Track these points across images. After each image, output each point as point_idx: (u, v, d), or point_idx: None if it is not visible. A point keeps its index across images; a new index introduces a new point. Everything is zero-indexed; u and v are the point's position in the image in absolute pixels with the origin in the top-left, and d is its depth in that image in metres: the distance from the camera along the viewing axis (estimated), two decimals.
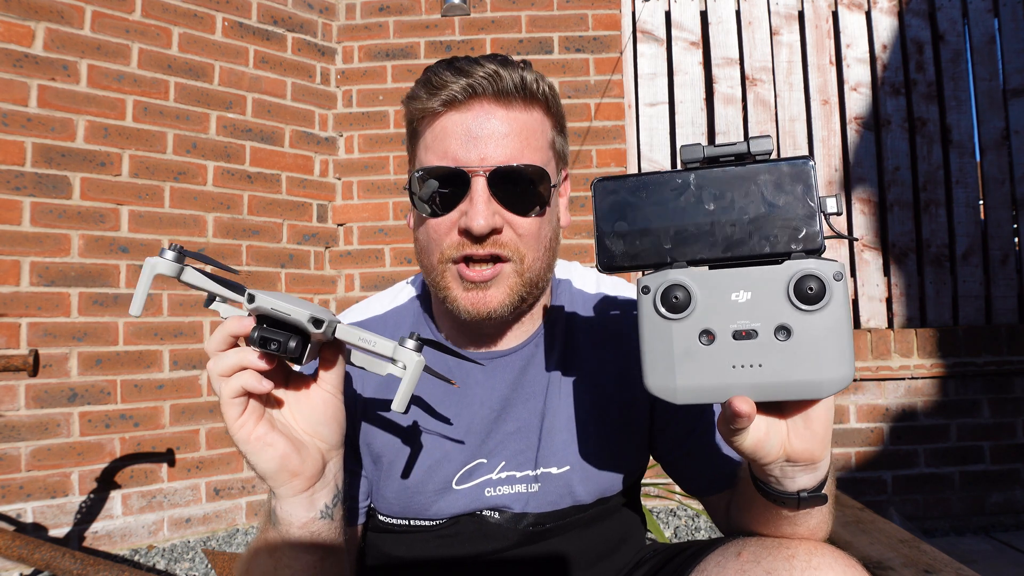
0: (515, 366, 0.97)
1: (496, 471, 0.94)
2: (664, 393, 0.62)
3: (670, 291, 0.62)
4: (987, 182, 3.01)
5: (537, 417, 0.95)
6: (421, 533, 0.95)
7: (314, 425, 0.77)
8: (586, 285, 1.04)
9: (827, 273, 0.59)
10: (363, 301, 1.07)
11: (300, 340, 0.70)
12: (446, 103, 0.86)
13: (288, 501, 0.76)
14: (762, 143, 0.62)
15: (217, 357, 0.71)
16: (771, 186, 0.61)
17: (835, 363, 0.59)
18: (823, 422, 0.63)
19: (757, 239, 0.61)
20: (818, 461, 0.65)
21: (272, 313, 0.68)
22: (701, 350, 0.61)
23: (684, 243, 0.63)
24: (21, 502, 2.27)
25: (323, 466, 0.78)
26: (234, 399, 0.70)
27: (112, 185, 2.49)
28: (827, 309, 0.59)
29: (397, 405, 0.74)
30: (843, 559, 0.70)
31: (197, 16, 2.70)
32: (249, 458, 0.73)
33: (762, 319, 0.60)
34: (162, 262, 0.70)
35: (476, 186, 0.84)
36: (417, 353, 0.74)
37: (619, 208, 0.65)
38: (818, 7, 3.09)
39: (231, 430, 0.71)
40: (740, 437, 0.63)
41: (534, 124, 0.89)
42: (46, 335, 2.34)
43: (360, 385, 0.96)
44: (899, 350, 2.83)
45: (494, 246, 0.86)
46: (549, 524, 0.95)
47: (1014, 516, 2.85)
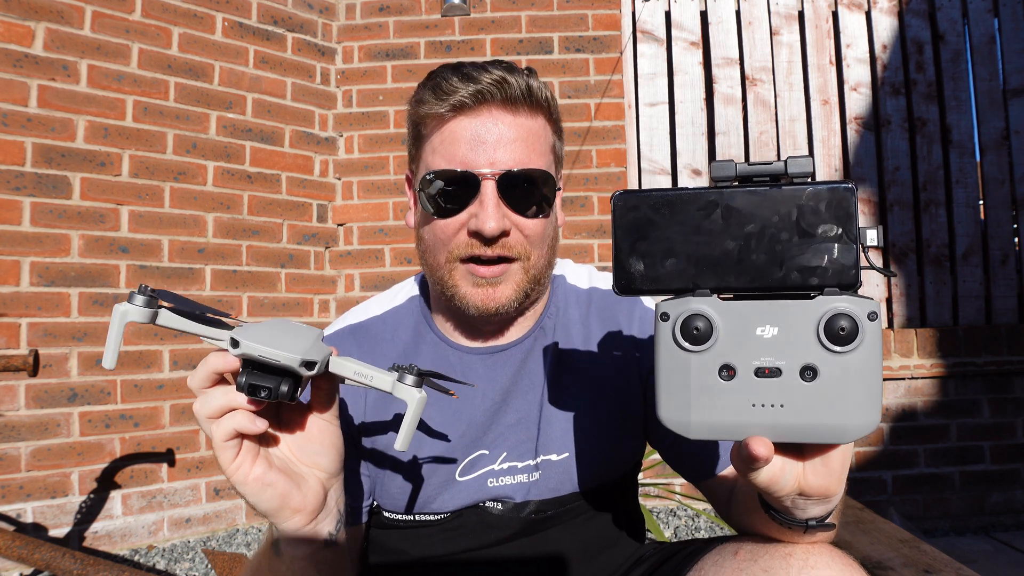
0: (515, 359, 0.99)
1: (498, 462, 0.96)
2: (678, 427, 0.60)
3: (691, 321, 0.58)
4: (987, 182, 3.01)
5: (536, 408, 0.98)
6: (426, 528, 0.96)
7: (312, 456, 0.74)
8: (579, 281, 1.08)
9: (861, 313, 0.55)
10: (362, 303, 1.08)
11: (292, 383, 0.66)
12: (455, 108, 0.87)
13: (291, 536, 0.75)
14: (801, 164, 0.58)
15: (203, 397, 0.67)
16: (808, 212, 0.56)
17: (862, 408, 0.55)
18: (841, 461, 0.61)
19: (788, 270, 0.57)
20: (833, 496, 0.64)
21: (260, 360, 0.64)
22: (720, 385, 0.57)
23: (709, 269, 0.58)
24: (21, 502, 2.28)
25: (324, 496, 0.76)
26: (227, 442, 0.67)
27: (112, 185, 2.49)
28: (858, 351, 0.55)
29: (400, 445, 0.71)
30: (841, 558, 0.70)
31: (197, 16, 2.70)
32: (248, 499, 0.71)
33: (788, 357, 0.56)
34: (133, 308, 0.65)
35: (486, 189, 0.86)
36: (418, 390, 0.71)
37: (640, 226, 0.60)
38: (818, 7, 3.09)
39: (227, 473, 0.68)
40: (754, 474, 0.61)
41: (538, 130, 0.91)
42: (46, 335, 2.34)
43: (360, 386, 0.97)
44: (899, 350, 2.83)
45: (502, 248, 0.88)
46: (550, 511, 0.97)
47: (1014, 516, 2.85)
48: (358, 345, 0.99)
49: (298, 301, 2.90)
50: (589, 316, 1.03)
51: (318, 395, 0.74)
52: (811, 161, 0.58)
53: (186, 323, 0.67)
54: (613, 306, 1.03)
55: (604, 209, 2.98)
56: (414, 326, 1.02)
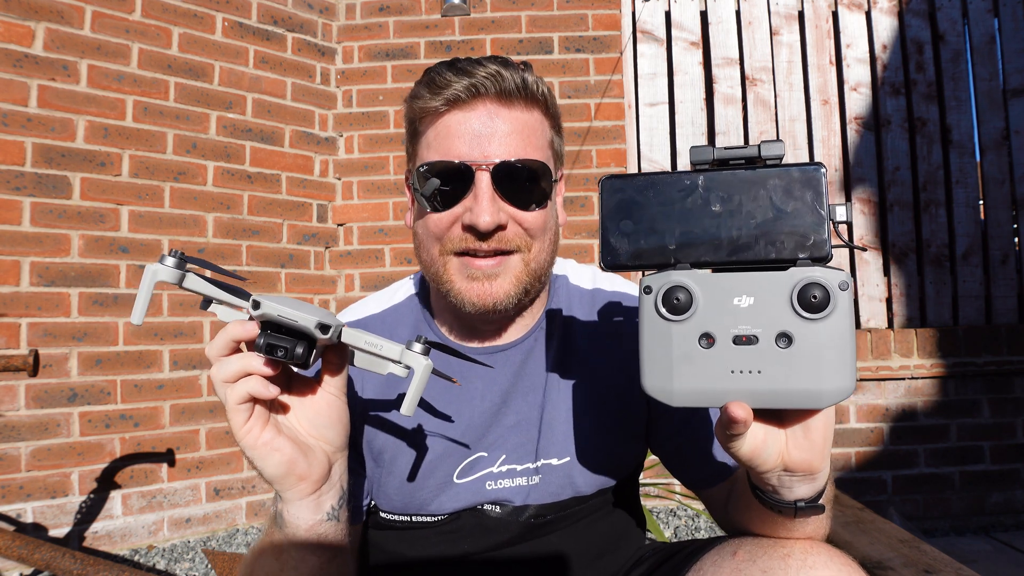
0: (515, 360, 0.98)
1: (497, 464, 0.95)
2: (661, 395, 0.62)
3: (672, 292, 0.61)
4: (987, 182, 3.01)
5: (536, 410, 0.96)
6: (423, 529, 0.96)
7: (319, 428, 0.76)
8: (582, 281, 1.06)
9: (832, 282, 0.58)
10: (360, 300, 1.07)
11: (306, 345, 0.69)
12: (449, 102, 0.87)
13: (294, 504, 0.76)
14: (773, 147, 0.61)
15: (220, 363, 0.70)
16: (780, 191, 0.60)
17: (836, 374, 0.58)
18: (822, 433, 0.63)
19: (763, 244, 0.60)
20: (816, 472, 0.65)
21: (279, 320, 0.67)
22: (700, 353, 0.60)
23: (689, 245, 0.62)
24: (21, 502, 2.28)
25: (329, 468, 0.77)
26: (240, 405, 0.70)
27: (112, 185, 2.50)
28: (831, 318, 0.58)
29: (406, 409, 0.73)
30: (839, 557, 0.70)
31: (197, 16, 2.70)
32: (256, 463, 0.73)
33: (764, 325, 0.59)
34: (163, 268, 0.68)
35: (480, 181, 0.85)
36: (425, 357, 0.73)
37: (625, 207, 0.64)
38: (818, 7, 3.09)
39: (237, 436, 0.71)
40: (737, 443, 0.62)
41: (534, 123, 0.90)
42: (46, 335, 2.34)
43: (360, 384, 0.97)
44: (899, 350, 2.83)
45: (498, 242, 0.87)
46: (550, 516, 0.96)
47: (1014, 516, 2.85)
48: None
49: None
50: (592, 317, 1.01)
51: (329, 367, 0.76)
52: (783, 145, 0.62)
53: (211, 287, 0.71)
54: (617, 308, 1.02)
55: None
56: (413, 325, 1.01)
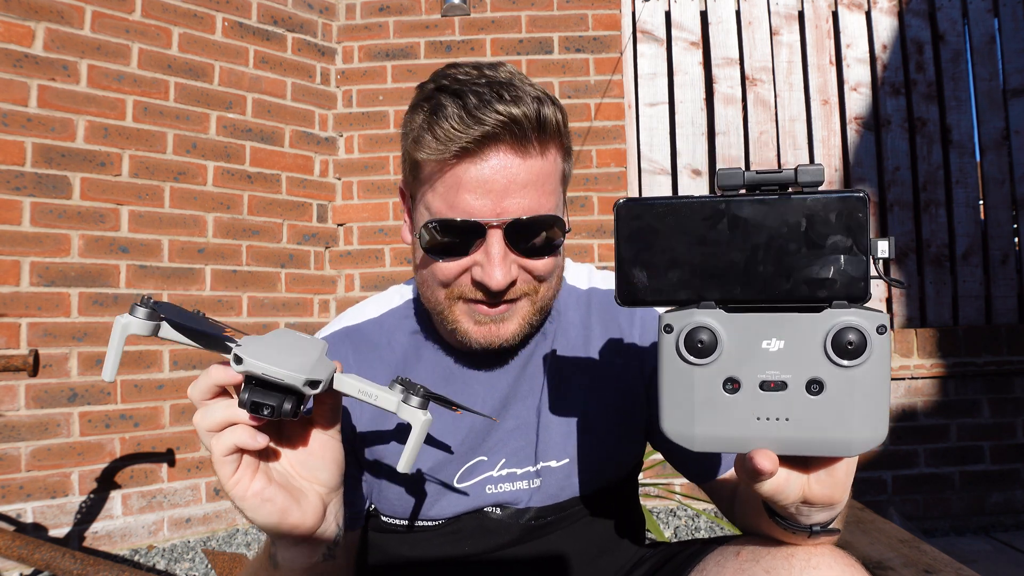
0: (514, 365, 0.97)
1: (497, 468, 0.95)
2: (681, 440, 0.59)
3: (695, 333, 0.57)
4: (987, 182, 3.01)
5: (535, 413, 0.96)
6: (424, 532, 0.96)
7: (313, 471, 0.73)
8: (578, 281, 1.05)
9: (870, 327, 0.54)
10: (358, 304, 1.05)
11: (295, 400, 0.64)
12: (457, 155, 0.80)
13: (289, 551, 0.74)
14: (811, 173, 0.56)
15: (204, 409, 0.66)
16: (817, 222, 0.55)
17: (868, 422, 0.55)
18: (845, 471, 0.60)
19: (795, 282, 0.55)
20: (837, 504, 0.63)
21: (263, 378, 0.63)
22: (724, 399, 0.57)
23: (714, 280, 0.57)
24: (21, 502, 2.27)
25: (324, 512, 0.74)
26: (227, 457, 0.65)
27: (112, 185, 2.49)
28: (866, 365, 0.54)
29: (403, 467, 0.70)
30: (843, 558, 0.70)
31: (197, 16, 2.70)
32: (247, 514, 0.69)
33: (793, 371, 0.55)
34: (135, 321, 0.63)
35: (492, 239, 0.81)
36: (423, 411, 0.70)
37: (644, 235, 0.58)
38: (818, 7, 3.09)
39: (226, 487, 0.67)
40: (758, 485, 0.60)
41: (549, 168, 0.84)
42: (46, 335, 2.34)
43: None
44: (899, 350, 2.83)
45: (509, 294, 0.85)
46: (551, 517, 0.96)
47: (1014, 516, 2.85)
48: (354, 349, 0.97)
49: (298, 301, 2.89)
50: (589, 318, 1.01)
51: (321, 411, 0.72)
52: (822, 170, 0.56)
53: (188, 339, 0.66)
54: (614, 307, 1.01)
55: (604, 209, 2.98)
56: (412, 331, 1.00)
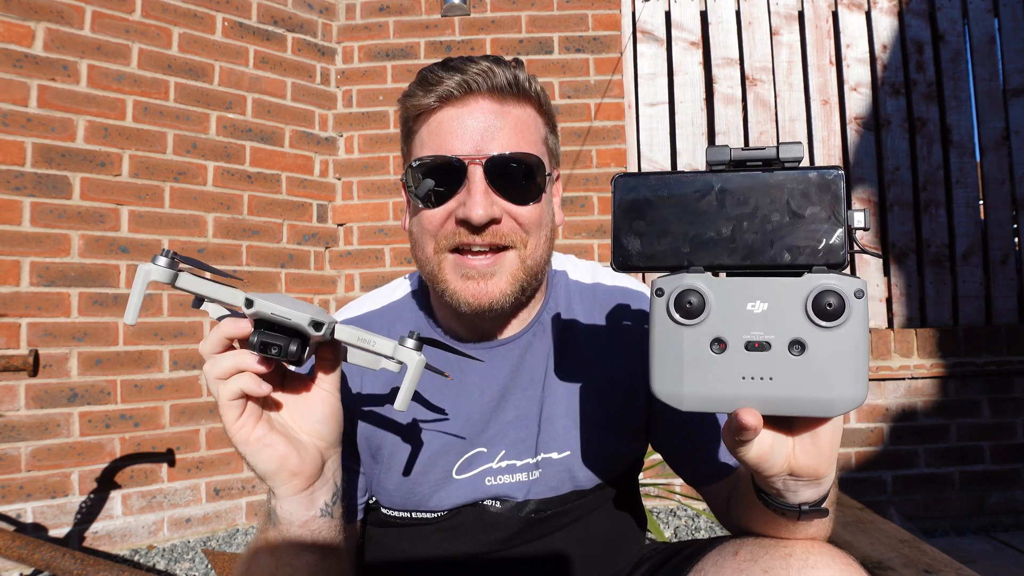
0: (513, 355, 0.98)
1: (496, 460, 0.95)
2: (670, 399, 0.61)
3: (684, 296, 0.60)
4: (987, 182, 3.01)
5: (536, 404, 0.96)
6: (423, 526, 0.96)
7: (312, 424, 0.77)
8: (581, 276, 1.06)
9: (848, 290, 0.57)
10: (359, 298, 1.07)
11: (300, 343, 0.69)
12: (441, 99, 0.88)
13: (288, 500, 0.77)
14: (792, 149, 0.60)
15: (213, 360, 0.70)
16: (798, 195, 0.59)
17: (848, 382, 0.58)
18: (830, 440, 0.62)
19: (778, 249, 0.59)
20: (823, 477, 0.65)
21: (272, 318, 0.68)
22: (712, 358, 0.60)
23: (703, 247, 0.61)
24: (21, 502, 2.28)
25: (322, 464, 0.78)
26: (232, 401, 0.70)
27: (112, 185, 2.49)
28: (845, 327, 0.57)
29: (399, 405, 0.74)
30: (841, 557, 0.70)
31: (197, 16, 2.70)
32: (248, 459, 0.73)
33: (777, 332, 0.58)
34: (156, 268, 0.68)
35: (474, 175, 0.85)
36: (418, 352, 0.74)
37: (638, 206, 0.63)
38: (818, 7, 3.09)
39: (230, 432, 0.71)
40: (744, 448, 0.62)
41: (527, 118, 0.91)
42: (46, 335, 2.34)
43: (356, 380, 0.96)
44: (899, 350, 2.83)
45: (493, 236, 0.87)
46: (550, 510, 0.96)
47: (1014, 516, 2.85)
48: None
49: None
50: (593, 312, 1.01)
51: (322, 364, 0.76)
52: (802, 147, 0.60)
53: (204, 286, 0.71)
54: (618, 302, 1.02)
55: (604, 209, 2.98)
56: (412, 321, 1.01)
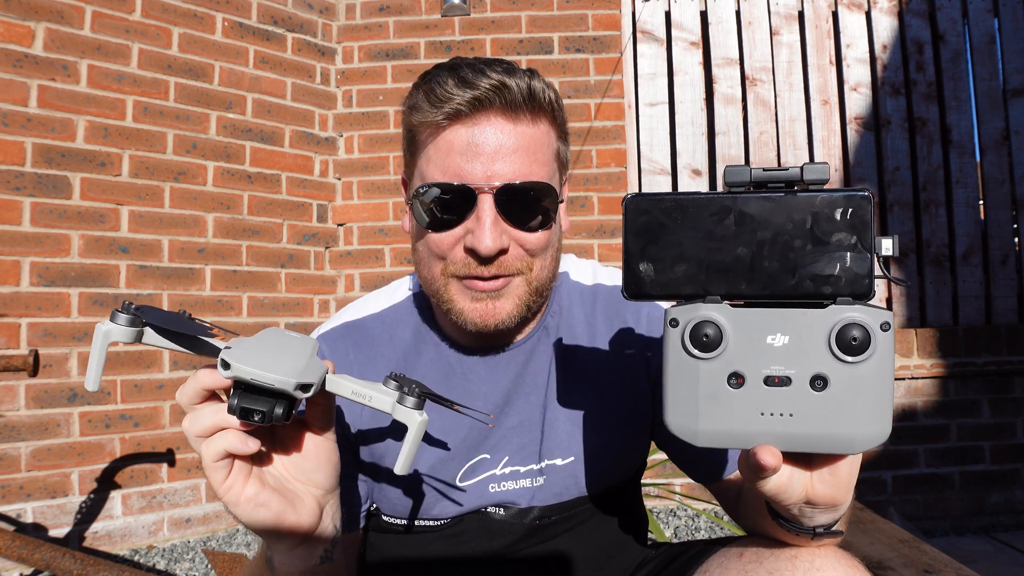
0: (517, 361, 0.96)
1: (500, 466, 0.94)
2: (684, 434, 0.59)
3: (700, 327, 0.57)
4: (987, 182, 3.01)
5: (539, 410, 0.95)
6: (426, 533, 0.95)
7: (307, 474, 0.71)
8: (583, 277, 1.04)
9: (874, 323, 0.54)
10: (359, 299, 1.04)
11: (287, 405, 0.62)
12: (450, 116, 0.82)
13: (286, 555, 0.72)
14: (817, 171, 0.57)
15: (193, 414, 0.64)
16: (822, 220, 0.56)
17: (872, 419, 0.55)
18: (849, 472, 0.60)
19: (800, 278, 0.56)
20: (840, 506, 0.63)
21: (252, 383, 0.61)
22: (728, 393, 0.57)
23: (720, 275, 0.58)
24: (21, 502, 2.27)
25: (320, 514, 0.72)
26: (217, 462, 0.64)
27: (112, 185, 2.49)
28: (870, 361, 0.55)
29: (400, 469, 0.68)
30: (846, 560, 0.70)
31: (197, 16, 2.69)
32: (241, 520, 0.67)
33: (798, 366, 0.56)
34: (116, 328, 0.60)
35: (483, 204, 0.82)
36: (419, 412, 0.68)
37: (651, 230, 0.59)
38: (818, 7, 3.09)
39: (218, 493, 0.65)
40: (762, 483, 0.60)
41: (540, 137, 0.86)
42: (46, 335, 2.34)
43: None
44: (899, 350, 2.83)
45: (499, 268, 0.84)
46: (555, 516, 0.95)
47: (1014, 516, 2.85)
48: (355, 345, 0.96)
49: (298, 301, 2.89)
50: (595, 314, 1.00)
51: (314, 413, 0.70)
52: (827, 168, 0.57)
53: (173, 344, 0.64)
54: (620, 303, 1.00)
55: (604, 209, 2.98)
56: (414, 326, 0.99)
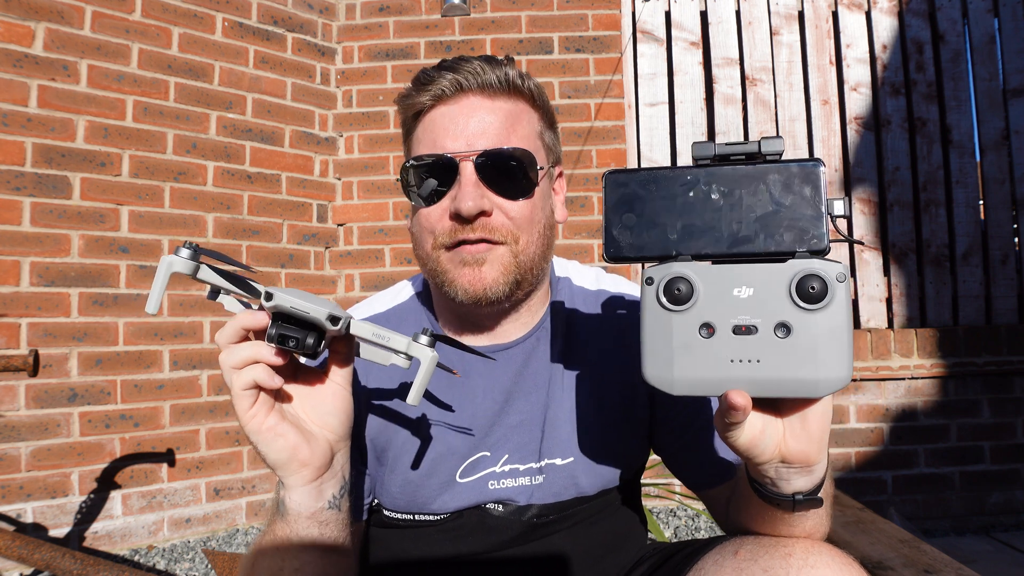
0: (517, 359, 0.98)
1: (499, 464, 0.95)
2: (661, 384, 0.63)
3: (673, 283, 0.62)
4: (987, 182, 3.01)
5: (540, 409, 0.97)
6: (425, 528, 0.96)
7: (323, 416, 0.78)
8: (586, 282, 1.06)
9: (830, 274, 0.59)
10: (365, 300, 1.07)
11: (316, 336, 0.72)
12: (435, 97, 0.91)
13: (297, 491, 0.78)
14: (773, 143, 0.63)
15: (229, 349, 0.72)
16: (779, 186, 0.62)
17: (833, 363, 0.59)
18: (820, 424, 0.63)
19: (763, 237, 0.62)
20: (813, 464, 0.66)
21: (291, 311, 0.70)
22: (700, 343, 0.61)
23: (690, 237, 0.63)
24: (21, 502, 2.28)
25: (331, 457, 0.79)
26: (245, 391, 0.72)
27: (112, 185, 2.49)
28: (828, 309, 0.59)
29: (412, 399, 0.75)
30: (840, 557, 0.70)
31: (197, 16, 2.70)
32: (259, 448, 0.75)
33: (763, 316, 0.60)
34: (178, 260, 0.71)
35: (464, 171, 0.88)
36: (431, 348, 0.76)
37: (628, 200, 0.65)
38: (818, 7, 3.09)
39: (242, 420, 0.73)
40: (735, 433, 0.63)
41: (519, 113, 0.93)
42: (46, 335, 2.34)
43: (363, 380, 0.97)
44: (899, 350, 2.83)
45: (484, 230, 0.88)
46: (552, 516, 0.96)
47: (1014, 516, 2.85)
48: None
49: None
50: (597, 318, 1.02)
51: (336, 357, 0.79)
52: (782, 141, 0.63)
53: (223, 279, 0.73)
54: (621, 309, 1.02)
55: None
56: (417, 324, 1.02)
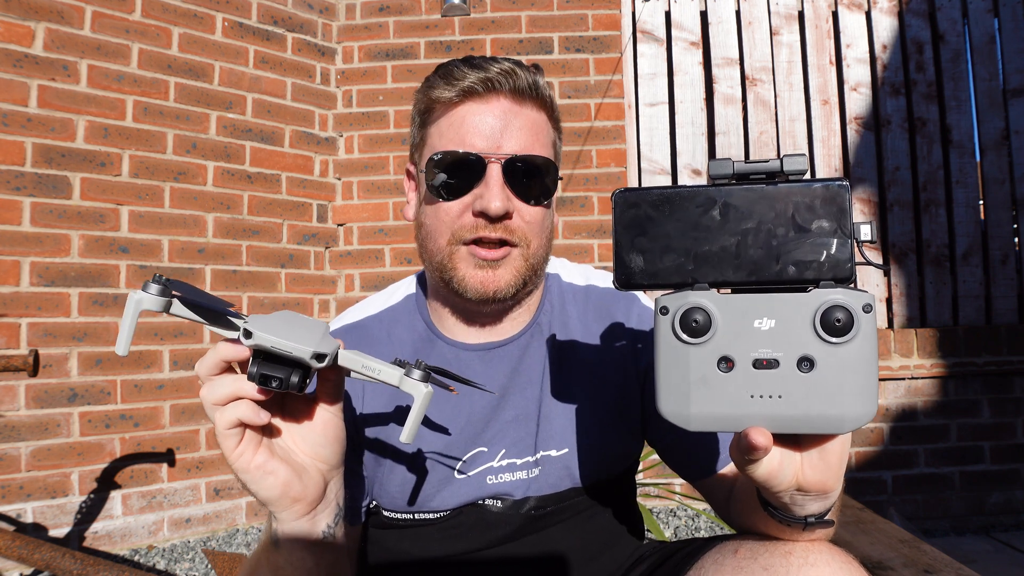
0: (512, 356, 0.99)
1: (497, 459, 0.96)
2: (677, 419, 0.60)
3: (690, 314, 0.59)
4: (987, 182, 3.01)
5: (535, 404, 0.98)
6: (425, 527, 0.97)
7: (314, 447, 0.75)
8: (574, 279, 1.08)
9: (856, 305, 0.56)
10: (360, 302, 1.08)
11: (302, 374, 0.67)
12: (464, 93, 0.91)
13: (289, 525, 0.75)
14: (796, 162, 0.59)
15: (210, 384, 0.68)
16: (803, 208, 0.58)
17: (858, 399, 0.56)
18: (839, 455, 0.61)
19: (784, 264, 0.58)
20: (830, 492, 0.64)
21: (272, 351, 0.65)
22: (719, 377, 0.58)
23: (707, 264, 0.60)
24: (21, 502, 2.27)
25: (324, 488, 0.76)
26: (230, 430, 0.68)
27: (112, 185, 2.49)
28: (854, 342, 0.56)
29: (406, 437, 0.72)
30: (840, 556, 0.70)
31: (197, 16, 2.70)
32: (249, 487, 0.71)
33: (785, 349, 0.57)
34: (148, 297, 0.65)
35: (492, 172, 0.89)
36: (425, 384, 0.72)
37: (640, 222, 0.61)
38: (818, 7, 3.09)
39: (229, 460, 0.69)
40: (753, 467, 0.61)
41: (542, 123, 0.95)
42: (46, 335, 2.34)
43: (359, 386, 0.97)
44: (899, 350, 2.83)
45: (505, 231, 0.90)
46: (550, 507, 0.97)
47: (1014, 516, 2.85)
48: (355, 345, 0.99)
49: (298, 301, 2.90)
50: (587, 313, 1.03)
51: (325, 387, 0.74)
52: (806, 159, 0.59)
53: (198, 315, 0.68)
54: (611, 304, 1.04)
55: (604, 209, 2.98)
56: (410, 324, 1.03)
